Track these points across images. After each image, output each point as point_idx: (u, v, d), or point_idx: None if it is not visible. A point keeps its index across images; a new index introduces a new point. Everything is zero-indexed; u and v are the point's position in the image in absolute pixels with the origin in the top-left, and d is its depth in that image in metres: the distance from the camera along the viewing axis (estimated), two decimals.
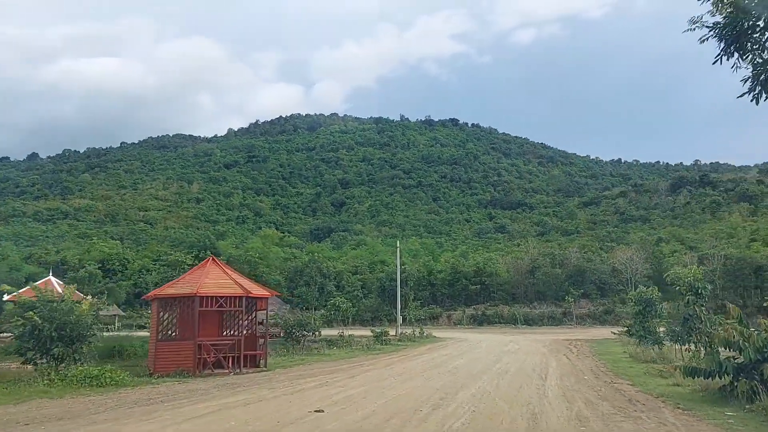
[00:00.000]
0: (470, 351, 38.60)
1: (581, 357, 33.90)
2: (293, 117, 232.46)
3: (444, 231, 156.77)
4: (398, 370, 25.81)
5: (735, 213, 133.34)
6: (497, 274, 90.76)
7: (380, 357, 33.94)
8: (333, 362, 30.37)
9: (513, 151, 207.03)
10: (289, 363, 29.34)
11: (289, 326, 35.53)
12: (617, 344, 46.40)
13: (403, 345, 45.89)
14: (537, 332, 67.99)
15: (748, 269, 76.68)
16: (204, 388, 19.29)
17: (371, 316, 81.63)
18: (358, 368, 26.68)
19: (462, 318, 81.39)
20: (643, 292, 36.81)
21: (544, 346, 43.57)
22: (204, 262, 26.73)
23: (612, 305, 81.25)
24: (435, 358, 32.25)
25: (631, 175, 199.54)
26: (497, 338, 54.43)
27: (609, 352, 37.86)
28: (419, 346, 45.32)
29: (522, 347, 41.93)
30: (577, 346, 43.75)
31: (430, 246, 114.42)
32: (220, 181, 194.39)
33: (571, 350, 39.05)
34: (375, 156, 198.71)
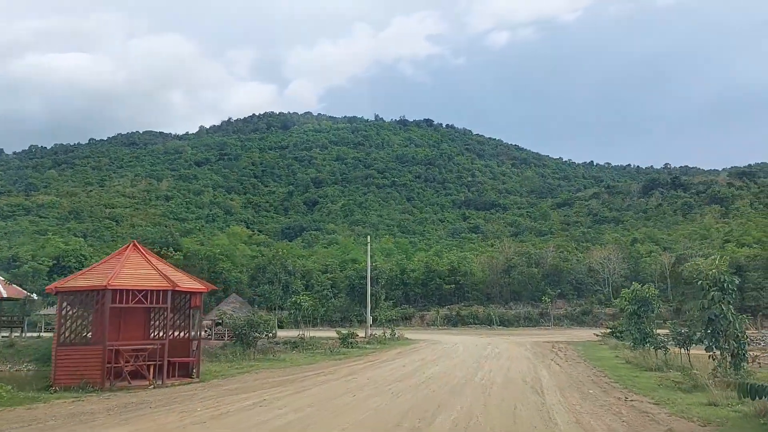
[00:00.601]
0: (446, 355, 33.79)
1: (572, 363, 29.30)
2: (266, 115, 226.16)
3: (418, 231, 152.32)
4: (361, 381, 20.87)
5: (707, 215, 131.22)
6: (472, 273, 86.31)
7: (343, 363, 28.96)
8: (286, 370, 25.31)
9: (487, 152, 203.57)
10: (233, 371, 24.21)
11: (239, 327, 30.31)
12: (604, 347, 42.10)
13: (372, 348, 40.93)
14: (514, 333, 63.55)
15: (729, 269, 73.16)
16: (91, 410, 14.12)
17: (341, 317, 76.60)
18: (313, 378, 21.67)
19: (436, 319, 76.77)
20: (638, 290, 32.38)
21: (527, 350, 38.98)
22: (123, 248, 21.41)
23: (590, 306, 77.31)
24: (406, 365, 27.37)
25: (603, 177, 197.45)
26: (474, 340, 49.76)
27: (600, 356, 33.34)
28: (389, 349, 40.40)
29: (503, 351, 37.27)
30: (561, 349, 39.24)
31: (404, 245, 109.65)
32: (191, 178, 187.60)
33: (557, 354, 34.47)
34: (349, 155, 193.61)
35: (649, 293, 31.94)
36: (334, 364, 28.08)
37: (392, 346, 43.92)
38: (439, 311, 78.36)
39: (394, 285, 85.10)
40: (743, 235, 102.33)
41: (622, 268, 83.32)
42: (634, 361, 28.07)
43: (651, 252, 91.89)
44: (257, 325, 30.18)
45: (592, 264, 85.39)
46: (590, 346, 42.66)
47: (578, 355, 34.21)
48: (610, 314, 75.48)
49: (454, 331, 70.08)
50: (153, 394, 17.26)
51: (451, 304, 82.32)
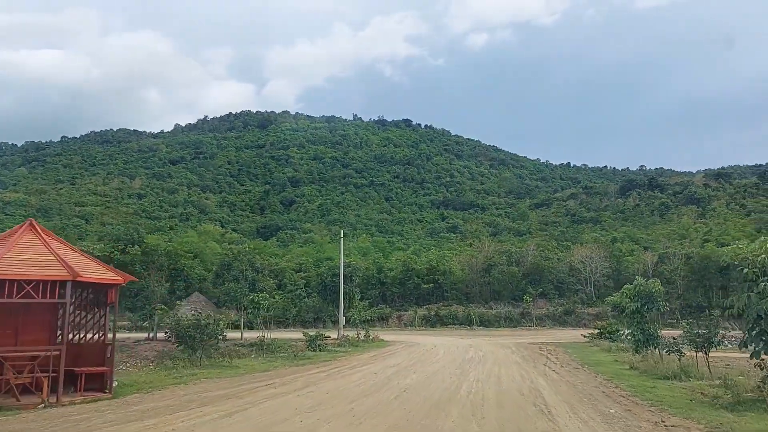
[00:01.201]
0: (425, 360, 29.41)
1: (569, 369, 25.10)
2: (243, 114, 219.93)
3: (396, 231, 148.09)
4: (319, 395, 16.37)
5: (685, 215, 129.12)
6: (451, 272, 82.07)
7: (305, 370, 24.41)
8: (232, 380, 20.70)
9: (465, 153, 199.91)
10: (167, 381, 19.56)
11: (182, 329, 25.56)
12: (596, 349, 38.10)
13: (342, 351, 36.38)
14: (495, 334, 59.45)
15: (713, 268, 69.93)
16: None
17: (314, 317, 71.89)
18: (259, 392, 17.11)
19: (413, 319, 72.43)
20: (642, 285, 28.32)
21: (513, 352, 34.76)
22: (15, 229, 16.60)
23: (572, 306, 73.51)
24: (378, 373, 22.91)
25: (580, 178, 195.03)
26: (454, 342, 45.45)
27: (597, 360, 29.21)
28: (362, 352, 35.91)
29: (487, 354, 32.99)
30: (551, 352, 35.10)
31: (381, 243, 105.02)
32: (165, 177, 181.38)
33: (548, 358, 30.28)
34: (327, 155, 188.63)
35: (654, 288, 27.92)
36: (294, 372, 23.53)
37: (366, 348, 39.43)
38: (417, 311, 74.00)
39: (370, 284, 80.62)
40: (722, 234, 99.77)
41: (604, 267, 79.78)
42: (641, 367, 23.95)
43: (633, 251, 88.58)
44: (205, 326, 25.47)
45: (573, 263, 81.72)
46: (581, 348, 38.61)
47: (572, 359, 30.05)
48: (593, 314, 71.83)
49: (432, 331, 65.80)
50: (34, 418, 12.59)
51: (429, 303, 77.99)
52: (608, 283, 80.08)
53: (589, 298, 77.67)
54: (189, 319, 25.17)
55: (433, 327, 71.03)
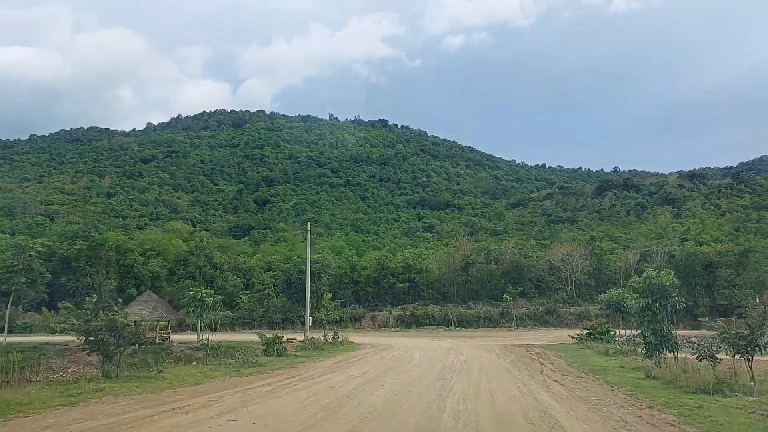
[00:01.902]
0: (398, 368, 24.29)
1: (572, 378, 20.18)
2: (217, 113, 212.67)
3: (372, 230, 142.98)
4: (240, 428, 11.13)
5: (661, 215, 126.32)
6: (428, 270, 77.10)
7: (246, 383, 19.13)
8: (140, 399, 15.35)
9: (441, 153, 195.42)
10: (47, 403, 14.15)
11: (93, 332, 19.93)
12: (589, 352, 33.35)
13: (304, 356, 31.05)
14: (475, 335, 54.57)
15: (699, 266, 65.99)
16: None
17: (282, 318, 66.46)
18: (156, 423, 11.81)
19: (388, 319, 67.31)
20: (653, 277, 23.61)
21: (499, 356, 29.83)
22: None
23: (553, 305, 68.95)
24: (337, 386, 17.74)
25: (555, 179, 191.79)
26: (431, 344, 40.40)
27: (599, 366, 24.34)
28: (326, 357, 30.68)
29: (470, 359, 28.00)
30: (542, 355, 30.23)
31: (355, 242, 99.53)
32: (135, 175, 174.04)
33: (543, 364, 25.37)
34: (302, 154, 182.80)
35: (668, 281, 23.20)
36: (232, 386, 18.24)
37: (332, 352, 34.20)
38: (392, 311, 68.85)
39: (343, 283, 75.34)
40: (700, 233, 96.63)
41: (585, 265, 75.46)
42: (661, 376, 19.10)
43: (613, 249, 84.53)
44: (122, 328, 19.95)
45: (553, 261, 77.28)
46: (572, 351, 33.81)
47: (570, 365, 25.15)
48: (575, 314, 67.48)
49: (408, 333, 60.73)
50: None
51: (405, 303, 72.97)
52: (589, 281, 75.92)
53: (570, 297, 73.31)
54: (102, 319, 19.59)
55: (408, 328, 65.98)
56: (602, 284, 78.71)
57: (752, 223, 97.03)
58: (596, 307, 69.64)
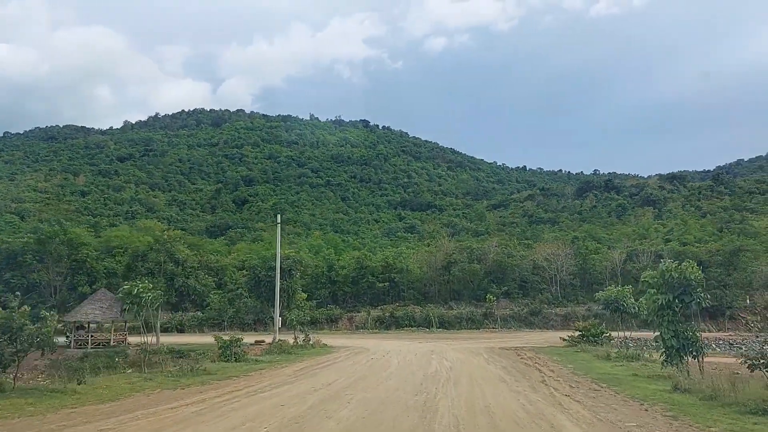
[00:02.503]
0: (371, 376, 20.10)
1: (584, 391, 16.11)
2: (196, 111, 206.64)
3: (352, 231, 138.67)
4: None
5: (642, 216, 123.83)
6: (408, 270, 72.97)
7: (176, 399, 14.80)
8: (15, 423, 10.96)
9: (423, 154, 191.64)
10: None
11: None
12: (588, 356, 29.39)
13: (266, 362, 26.68)
14: (458, 337, 50.50)
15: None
16: None
17: (254, 319, 61.94)
18: None
19: (366, 320, 63.03)
20: (673, 270, 19.73)
21: (489, 362, 25.76)
22: None
23: (538, 306, 65.17)
24: (286, 406, 13.48)
25: (536, 181, 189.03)
26: (412, 347, 36.22)
27: (607, 374, 20.35)
28: (291, 363, 26.39)
29: (456, 365, 23.89)
30: (536, 360, 26.22)
31: (334, 240, 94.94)
32: (111, 174, 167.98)
33: (540, 371, 21.34)
34: (282, 154, 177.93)
35: (692, 274, 19.34)
36: (152, 403, 13.89)
37: (300, 357, 29.86)
38: (370, 312, 64.53)
39: (320, 283, 70.99)
40: (684, 234, 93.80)
41: (570, 265, 71.83)
42: (697, 390, 15.10)
43: (597, 249, 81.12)
44: (18, 330, 15.46)
45: (537, 261, 73.56)
46: (568, 355, 29.84)
47: (573, 372, 21.14)
48: (561, 315, 63.84)
49: (387, 334, 56.51)
50: None
51: (384, 304, 68.77)
52: (575, 282, 72.37)
53: (555, 298, 69.62)
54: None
55: (387, 329, 61.78)
56: (588, 284, 75.36)
57: (735, 223, 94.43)
58: (583, 308, 66.21)
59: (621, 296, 31.93)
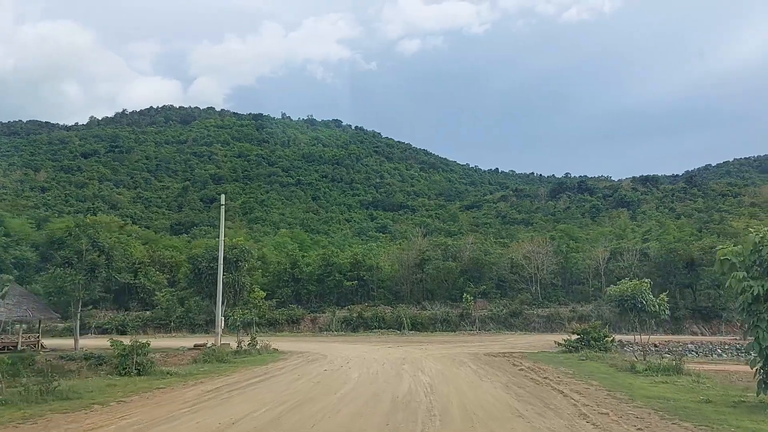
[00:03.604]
0: (312, 403, 12.74)
1: (632, 421, 9.05)
2: (165, 108, 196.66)
3: (323, 230, 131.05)
4: None
5: (617, 217, 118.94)
6: (378, 268, 65.81)
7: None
8: None
9: (396, 155, 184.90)
10: None
11: None
12: (603, 365, 22.57)
13: (177, 377, 19.03)
14: (434, 341, 43.36)
15: (680, 263, 56.63)
16: None
17: (206, 319, 53.95)
18: None
19: (331, 322, 55.60)
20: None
21: (480, 374, 18.59)
22: None
23: (519, 306, 58.51)
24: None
25: (509, 183, 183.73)
26: (379, 354, 28.95)
27: (659, 397, 13.27)
28: (216, 376, 18.90)
29: (436, 380, 16.71)
30: (545, 375, 19.17)
31: (299, 236, 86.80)
32: (74, 170, 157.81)
33: (563, 394, 14.23)
34: (252, 152, 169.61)
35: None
36: None
37: (233, 367, 22.37)
38: (336, 312, 57.05)
39: (282, 281, 63.43)
40: (663, 234, 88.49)
41: (551, 263, 65.36)
42: None
43: (578, 247, 74.97)
44: None
45: (516, 259, 67.02)
46: (575, 364, 22.84)
47: (610, 395, 14.07)
48: (544, 316, 57.25)
49: (353, 337, 49.18)
50: None
51: (352, 304, 61.44)
52: (556, 281, 65.99)
53: (535, 298, 63.01)
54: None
55: (355, 332, 54.44)
56: (569, 284, 69.20)
57: (715, 224, 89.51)
58: (566, 308, 59.86)
59: (639, 291, 25.16)
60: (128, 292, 64.77)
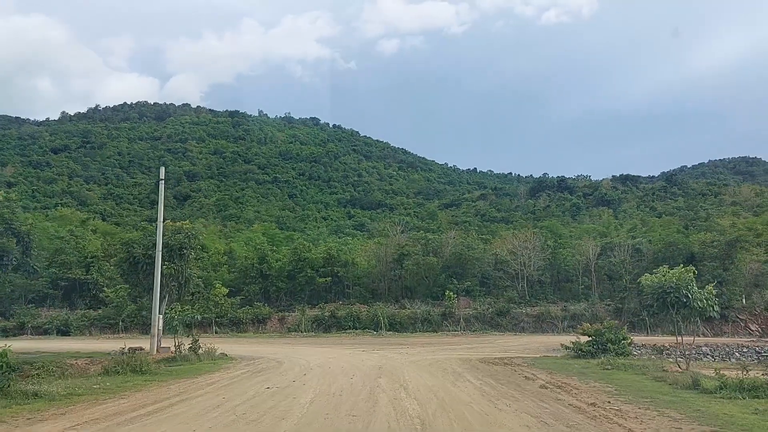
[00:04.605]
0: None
1: None
2: (139, 105, 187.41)
3: (298, 228, 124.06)
4: None
5: (598, 216, 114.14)
6: (354, 263, 59.42)
7: None
8: None
9: (374, 154, 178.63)
10: None
11: None
12: (646, 380, 16.50)
13: (52, 400, 12.37)
14: (414, 343, 37.04)
15: (681, 258, 51.12)
16: None
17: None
18: None
19: (300, 322, 49.07)
20: None
21: (489, 397, 12.25)
22: None
23: (506, 305, 52.55)
24: None
25: (487, 183, 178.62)
26: (351, 361, 22.52)
27: None
28: (111, 397, 12.31)
29: (429, 408, 10.37)
30: (568, 390, 13.01)
31: (269, 230, 79.36)
32: (43, 166, 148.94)
33: (607, 419, 8.05)
34: (228, 149, 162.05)
35: None
36: None
37: (149, 383, 15.78)
38: (306, 311, 50.46)
39: (249, 277, 56.67)
40: (649, 231, 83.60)
41: (539, 259, 59.54)
42: None
43: (566, 243, 69.48)
44: None
45: (500, 254, 61.13)
46: (604, 375, 16.77)
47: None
48: (533, 315, 51.40)
49: (324, 339, 42.69)
50: None
51: (326, 302, 54.94)
52: (544, 278, 60.25)
53: (522, 296, 57.09)
54: None
55: (327, 332, 47.97)
56: (557, 282, 63.59)
57: (701, 221, 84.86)
58: (557, 307, 54.05)
59: (683, 281, 19.21)
60: (79, 289, 57.54)
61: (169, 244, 27.99)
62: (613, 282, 59.52)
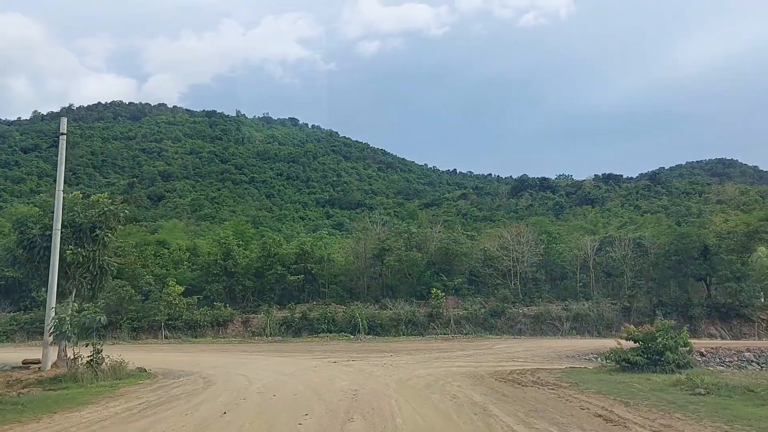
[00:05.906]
0: None
1: None
2: (114, 104, 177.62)
3: (275, 227, 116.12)
4: None
5: (581, 214, 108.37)
6: (330, 260, 52.07)
7: None
8: None
9: (353, 154, 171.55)
10: None
11: None
12: (749, 407, 9.84)
13: None
14: (399, 349, 29.82)
15: (695, 251, 44.59)
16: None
17: (110, 321, 39.33)
18: None
19: (266, 324, 41.54)
20: None
21: None
22: None
23: (500, 304, 45.68)
24: None
25: (467, 183, 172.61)
26: (314, 377, 15.17)
27: None
28: None
29: None
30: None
31: (239, 225, 71.02)
32: (12, 165, 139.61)
33: None
34: (204, 149, 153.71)
35: None
36: None
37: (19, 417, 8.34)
38: (272, 313, 42.98)
39: (212, 275, 48.85)
40: (640, 227, 77.75)
41: (533, 255, 52.74)
42: None
43: (556, 240, 62.86)
44: None
45: (490, 250, 54.27)
46: (712, 411, 9.86)
47: None
48: (531, 315, 44.53)
49: (290, 345, 35.26)
50: None
51: (298, 302, 47.54)
52: (538, 275, 53.45)
53: (515, 295, 50.16)
54: None
55: (297, 336, 40.56)
56: (552, 279, 56.92)
57: (693, 217, 79.36)
58: (558, 306, 47.37)
59: None
60: (18, 289, 49.37)
61: (76, 222, 20.55)
62: (613, 279, 53.11)
